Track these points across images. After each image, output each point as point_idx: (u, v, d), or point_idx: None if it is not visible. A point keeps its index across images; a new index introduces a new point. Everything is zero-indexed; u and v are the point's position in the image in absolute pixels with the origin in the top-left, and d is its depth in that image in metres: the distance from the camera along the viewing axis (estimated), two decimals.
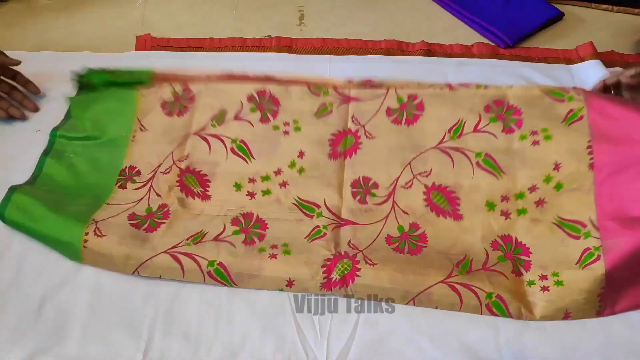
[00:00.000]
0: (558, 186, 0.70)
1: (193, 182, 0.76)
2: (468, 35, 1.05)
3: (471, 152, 0.73)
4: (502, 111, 0.74)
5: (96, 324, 0.64)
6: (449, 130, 0.74)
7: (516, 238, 0.70)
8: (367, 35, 1.03)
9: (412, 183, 0.74)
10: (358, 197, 0.73)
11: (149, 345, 0.63)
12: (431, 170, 0.73)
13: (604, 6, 1.12)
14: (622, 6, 1.11)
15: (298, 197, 0.74)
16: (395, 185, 0.74)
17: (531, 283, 0.66)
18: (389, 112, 0.77)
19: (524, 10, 1.07)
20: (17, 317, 0.64)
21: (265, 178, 0.76)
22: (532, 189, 0.70)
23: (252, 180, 0.75)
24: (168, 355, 0.62)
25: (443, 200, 0.72)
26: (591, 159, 0.69)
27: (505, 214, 0.71)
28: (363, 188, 0.74)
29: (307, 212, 0.73)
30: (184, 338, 0.64)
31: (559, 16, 1.07)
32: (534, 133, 0.72)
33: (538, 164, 0.71)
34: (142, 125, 0.80)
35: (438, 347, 0.63)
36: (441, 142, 0.74)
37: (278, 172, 0.76)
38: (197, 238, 0.69)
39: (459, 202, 0.72)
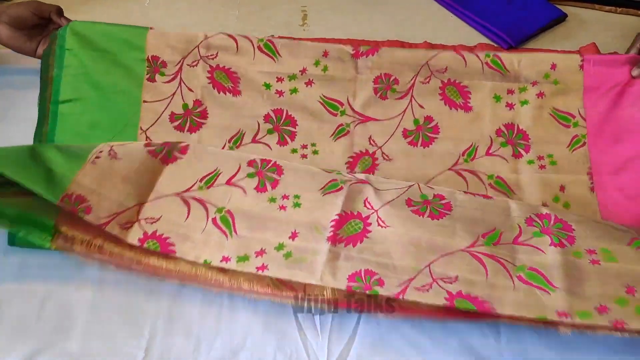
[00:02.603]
0: (566, 204, 0.74)
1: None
2: (471, 36, 1.05)
3: (484, 175, 0.77)
4: (512, 136, 0.79)
5: (98, 322, 0.65)
6: (463, 153, 0.78)
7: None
8: (369, 36, 1.03)
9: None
10: None
11: (151, 343, 0.63)
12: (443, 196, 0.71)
13: (607, 7, 1.11)
14: (625, 7, 1.11)
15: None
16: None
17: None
18: (405, 133, 0.79)
19: (526, 11, 1.07)
20: (19, 315, 0.65)
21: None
22: (544, 205, 0.73)
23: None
24: (169, 353, 0.63)
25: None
26: (590, 184, 0.76)
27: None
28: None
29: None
30: (185, 336, 0.64)
31: (561, 17, 1.07)
32: (540, 158, 0.77)
33: (545, 187, 0.75)
34: (148, 138, 0.79)
35: (438, 347, 0.63)
36: (456, 164, 0.77)
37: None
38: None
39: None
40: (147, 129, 0.77)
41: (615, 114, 0.78)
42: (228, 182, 0.69)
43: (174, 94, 0.80)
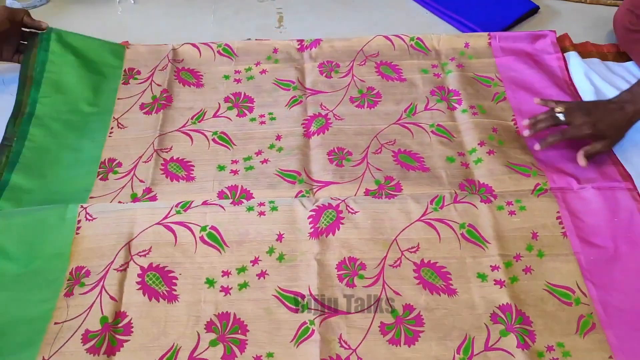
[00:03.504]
0: (500, 142, 0.83)
1: (177, 168, 0.79)
2: (447, 32, 1.06)
3: (425, 125, 0.85)
4: (445, 94, 0.90)
5: None
6: (405, 110, 0.88)
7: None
8: (346, 35, 1.03)
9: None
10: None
11: None
12: (395, 140, 0.83)
13: None
14: None
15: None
16: (367, 155, 0.80)
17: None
18: (352, 99, 0.89)
19: (500, 5, 1.08)
20: None
21: (249, 168, 0.79)
22: (481, 143, 0.81)
23: (234, 161, 0.80)
24: None
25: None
26: (516, 127, 0.86)
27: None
28: (338, 155, 0.80)
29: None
30: None
31: (534, 10, 1.09)
32: (472, 107, 0.87)
33: (480, 129, 0.84)
34: (120, 123, 0.85)
35: None
36: (400, 119, 0.86)
37: (259, 153, 0.81)
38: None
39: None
40: (119, 117, 0.86)
41: (523, 74, 0.93)
42: (191, 358, 0.61)
43: (144, 90, 0.90)
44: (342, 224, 0.72)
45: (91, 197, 0.74)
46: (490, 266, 0.69)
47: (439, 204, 0.73)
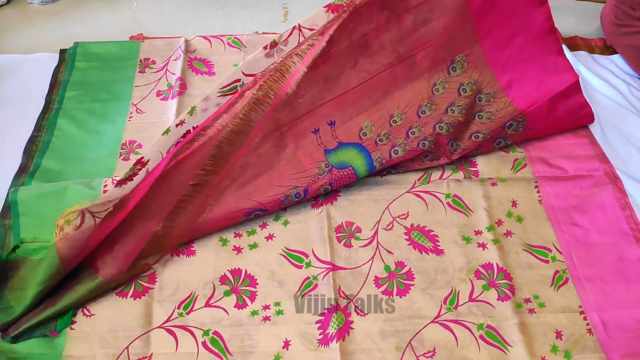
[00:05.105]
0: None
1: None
2: None
3: None
4: None
5: None
6: None
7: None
8: None
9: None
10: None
11: None
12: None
13: None
14: None
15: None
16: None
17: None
18: None
19: None
20: None
21: None
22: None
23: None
24: None
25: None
26: None
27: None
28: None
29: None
30: None
31: None
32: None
33: None
34: (138, 109, 0.92)
35: None
36: None
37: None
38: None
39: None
40: (137, 103, 0.92)
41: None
42: (208, 305, 0.70)
43: (160, 78, 0.96)
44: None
45: (115, 176, 0.80)
46: (474, 231, 0.77)
47: (426, 180, 0.82)
